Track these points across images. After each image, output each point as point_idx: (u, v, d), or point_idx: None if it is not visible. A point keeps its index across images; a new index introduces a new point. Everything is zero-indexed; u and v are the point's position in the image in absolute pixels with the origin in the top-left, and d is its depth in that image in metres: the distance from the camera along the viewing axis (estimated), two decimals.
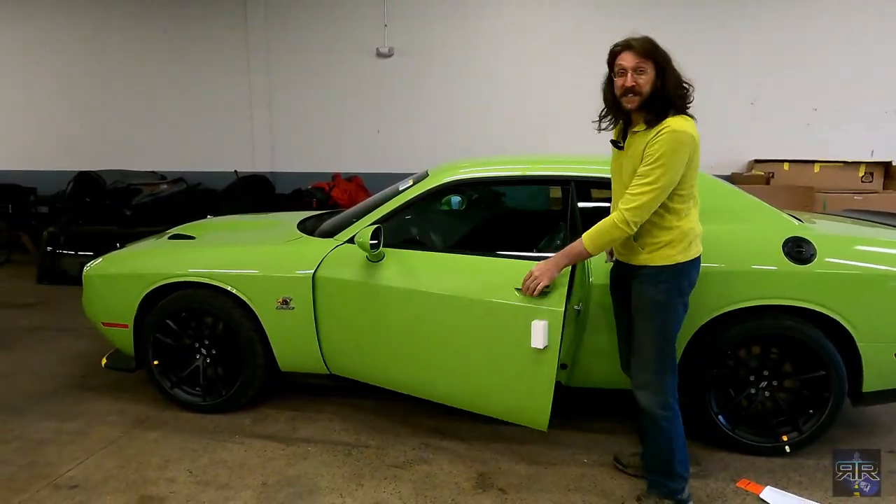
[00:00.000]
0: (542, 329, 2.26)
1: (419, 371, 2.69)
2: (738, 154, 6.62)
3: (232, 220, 4.10)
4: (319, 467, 2.57)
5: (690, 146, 2.02)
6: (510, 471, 2.55)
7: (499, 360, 2.42)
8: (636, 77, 2.09)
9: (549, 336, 2.27)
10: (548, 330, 2.26)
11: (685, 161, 2.02)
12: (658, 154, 1.98)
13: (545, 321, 2.26)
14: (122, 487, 2.40)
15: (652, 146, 2.01)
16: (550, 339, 2.27)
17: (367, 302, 2.69)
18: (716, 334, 2.61)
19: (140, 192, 6.37)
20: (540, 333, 2.26)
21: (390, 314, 2.65)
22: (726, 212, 2.73)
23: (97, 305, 3.15)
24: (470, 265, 2.59)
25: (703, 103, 7.14)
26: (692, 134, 2.03)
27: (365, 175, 7.18)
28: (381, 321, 2.68)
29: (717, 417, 2.68)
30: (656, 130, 2.03)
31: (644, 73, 2.09)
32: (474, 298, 2.45)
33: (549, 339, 2.27)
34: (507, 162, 3.09)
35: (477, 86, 6.95)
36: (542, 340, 2.26)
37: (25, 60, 7.96)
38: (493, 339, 2.41)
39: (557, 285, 2.27)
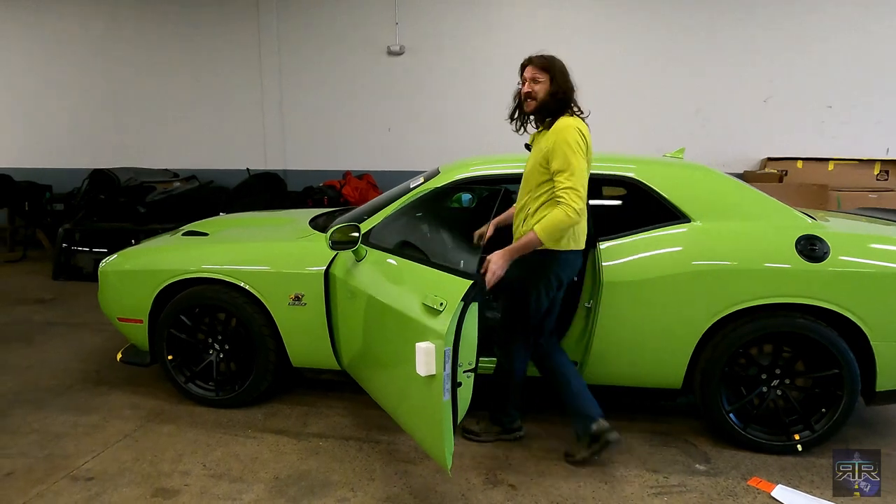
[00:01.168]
0: (424, 353, 1.95)
1: (370, 377, 2.67)
2: (750, 152, 6.58)
3: (244, 217, 4.13)
4: (331, 462, 2.59)
5: (580, 132, 2.37)
6: (520, 467, 2.56)
7: (407, 380, 2.17)
8: (533, 85, 2.50)
9: (436, 363, 1.95)
10: (434, 356, 1.94)
11: (584, 146, 2.37)
12: (559, 146, 2.34)
13: (431, 344, 1.96)
14: (137, 480, 2.44)
15: (551, 142, 2.37)
16: (437, 368, 1.95)
17: (351, 301, 2.65)
18: (727, 332, 2.60)
19: (153, 189, 6.44)
20: (422, 358, 1.95)
21: (359, 315, 2.60)
22: (739, 209, 2.72)
23: (112, 301, 3.19)
24: (413, 272, 2.33)
25: (715, 100, 7.14)
26: (580, 126, 2.39)
27: (376, 173, 7.21)
28: (355, 322, 2.63)
29: (729, 415, 2.67)
30: (553, 129, 2.41)
31: (539, 83, 2.50)
32: (391, 306, 2.26)
33: (435, 366, 1.95)
34: (519, 159, 3.09)
35: (488, 83, 6.95)
36: (424, 366, 1.95)
37: (40, 60, 8.06)
38: (404, 355, 2.15)
39: (449, 306, 1.98)
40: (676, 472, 2.53)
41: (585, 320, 2.73)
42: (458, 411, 2.09)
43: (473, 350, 2.14)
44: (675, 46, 6.56)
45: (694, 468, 2.56)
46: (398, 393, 2.35)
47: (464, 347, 2.07)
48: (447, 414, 2.01)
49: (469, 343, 2.11)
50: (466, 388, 2.15)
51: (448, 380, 1.99)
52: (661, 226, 2.70)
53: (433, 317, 2.02)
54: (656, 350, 2.67)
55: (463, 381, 2.11)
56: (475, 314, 2.10)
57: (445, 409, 2.00)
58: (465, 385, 2.13)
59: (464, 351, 2.08)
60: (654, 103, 6.67)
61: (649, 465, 2.58)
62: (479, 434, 2.77)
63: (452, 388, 2.02)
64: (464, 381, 2.12)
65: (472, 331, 2.12)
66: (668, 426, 2.93)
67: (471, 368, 2.15)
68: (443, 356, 1.94)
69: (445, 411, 2.00)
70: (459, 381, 2.07)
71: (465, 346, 2.07)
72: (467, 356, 2.12)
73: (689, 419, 2.97)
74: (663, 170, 2.89)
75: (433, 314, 2.02)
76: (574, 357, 2.78)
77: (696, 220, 2.68)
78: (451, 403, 2.02)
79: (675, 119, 6.64)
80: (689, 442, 2.78)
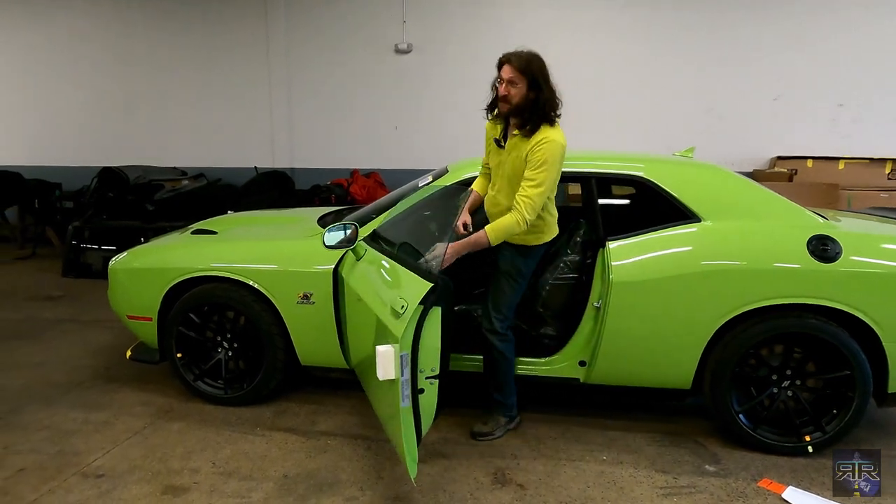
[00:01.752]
0: (382, 357, 1.89)
1: (364, 379, 2.67)
2: (760, 151, 6.53)
3: (253, 215, 4.14)
4: (339, 460, 2.59)
5: (564, 150, 2.41)
6: (529, 467, 2.56)
7: (378, 384, 2.11)
8: (509, 87, 2.42)
9: (394, 368, 1.90)
10: (392, 360, 1.89)
11: (562, 165, 2.43)
12: (542, 160, 2.36)
13: (389, 348, 1.90)
14: (146, 477, 2.45)
15: (535, 153, 2.37)
16: (395, 373, 1.90)
17: (355, 300, 2.63)
18: (737, 332, 2.58)
19: (162, 187, 6.47)
20: (381, 361, 1.89)
21: (358, 315, 2.59)
22: (749, 209, 2.71)
23: (122, 299, 3.21)
24: (394, 272, 2.31)
25: (724, 98, 7.07)
26: (564, 144, 2.42)
27: (383, 171, 7.21)
28: (358, 321, 2.62)
29: (739, 416, 2.66)
30: (537, 139, 2.38)
31: (516, 86, 2.42)
32: (371, 307, 2.23)
33: (394, 370, 1.90)
34: None
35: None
36: (383, 370, 1.90)
37: (50, 59, 8.11)
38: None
39: (408, 308, 1.93)
40: (686, 473, 2.51)
41: (594, 320, 2.72)
42: (421, 418, 2.04)
43: (435, 355, 2.07)
44: (683, 45, 6.52)
45: (704, 469, 2.55)
46: (376, 397, 2.35)
47: (424, 352, 2.02)
48: (408, 421, 1.98)
49: (429, 348, 2.05)
50: (430, 394, 2.09)
51: (407, 385, 1.95)
52: (671, 225, 2.68)
53: (395, 319, 1.99)
54: (665, 350, 2.65)
55: (425, 387, 2.05)
56: (437, 318, 2.03)
57: (405, 416, 1.97)
58: (427, 392, 2.07)
59: (424, 356, 2.02)
60: (663, 102, 6.64)
61: (658, 466, 2.57)
62: (493, 432, 2.78)
63: (413, 395, 1.98)
64: (426, 388, 2.06)
65: (433, 336, 2.05)
66: (678, 427, 2.91)
67: (434, 375, 2.08)
68: (399, 361, 1.90)
69: (405, 418, 1.97)
70: (422, 388, 2.02)
71: (425, 350, 2.02)
72: (429, 362, 2.06)
73: (699, 420, 2.96)
74: (673, 169, 2.88)
75: (396, 317, 1.99)
76: (582, 357, 2.77)
77: (705, 220, 2.66)
78: (411, 410, 1.99)
79: (684, 118, 6.60)
80: (699, 443, 2.77)
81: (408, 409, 1.97)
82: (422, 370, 2.01)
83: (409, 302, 1.96)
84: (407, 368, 1.93)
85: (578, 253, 2.91)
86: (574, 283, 2.91)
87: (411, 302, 1.96)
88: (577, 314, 2.79)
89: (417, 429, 2.03)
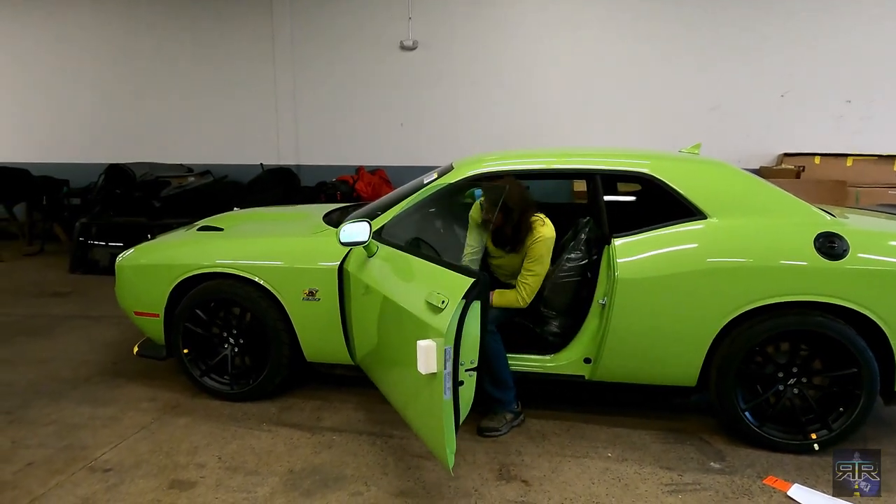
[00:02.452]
0: (425, 351, 1.93)
1: (381, 374, 2.69)
2: (766, 147, 6.50)
3: (259, 212, 4.16)
4: (344, 456, 2.60)
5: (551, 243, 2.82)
6: (533, 463, 2.56)
7: (411, 378, 2.16)
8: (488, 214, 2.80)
9: (437, 361, 1.92)
10: (434, 354, 1.92)
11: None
12: (538, 256, 2.78)
13: (431, 342, 1.93)
14: (153, 472, 2.47)
15: (532, 250, 2.78)
16: (437, 366, 1.93)
17: (363, 297, 2.65)
18: (743, 330, 2.57)
19: (168, 184, 6.49)
20: (423, 356, 1.93)
21: (370, 311, 2.60)
22: (755, 206, 2.70)
23: (129, 295, 3.23)
24: (420, 269, 2.36)
25: (731, 95, 7.05)
26: (553, 236, 2.83)
27: (388, 168, 7.22)
28: (368, 318, 2.64)
29: (744, 413, 2.65)
30: (532, 239, 2.79)
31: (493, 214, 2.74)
32: (397, 303, 2.26)
33: (436, 364, 1.92)
34: (533, 155, 3.08)
35: (502, 78, 6.93)
36: (424, 364, 1.93)
37: (56, 56, 8.15)
38: (408, 353, 2.11)
39: (451, 303, 1.97)
40: (691, 470, 2.51)
41: (599, 317, 2.72)
42: (460, 410, 2.07)
43: (475, 349, 2.12)
44: (688, 40, 6.49)
45: (709, 466, 2.54)
46: (404, 391, 2.35)
47: (465, 346, 2.05)
48: (448, 413, 2.00)
49: (471, 341, 2.09)
50: (469, 386, 2.13)
51: (449, 378, 1.97)
52: (677, 222, 2.67)
53: (435, 314, 2.01)
54: (671, 348, 2.65)
55: (465, 379, 2.10)
56: (477, 312, 2.08)
57: (447, 408, 1.99)
58: (467, 384, 2.12)
59: (465, 349, 2.06)
60: (669, 98, 6.62)
61: (663, 463, 2.57)
62: (499, 428, 2.79)
63: (454, 387, 2.01)
64: (466, 380, 2.10)
65: (473, 329, 2.10)
66: (683, 424, 2.91)
67: (473, 367, 2.13)
68: (443, 354, 1.92)
69: (447, 410, 1.99)
70: (461, 380, 2.06)
71: (466, 344, 2.05)
72: (469, 355, 2.10)
73: (704, 417, 2.95)
74: (679, 165, 2.87)
75: (435, 312, 2.02)
76: (587, 354, 2.77)
77: (711, 217, 2.65)
78: (452, 402, 2.01)
79: (690, 114, 6.58)
80: (704, 440, 2.76)
81: (449, 402, 1.99)
82: (462, 363, 2.05)
83: (452, 297, 1.99)
84: (450, 362, 1.95)
85: (584, 250, 2.90)
86: (579, 280, 2.91)
87: (454, 297, 1.98)
88: (583, 311, 2.79)
89: (456, 420, 2.07)
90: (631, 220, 2.82)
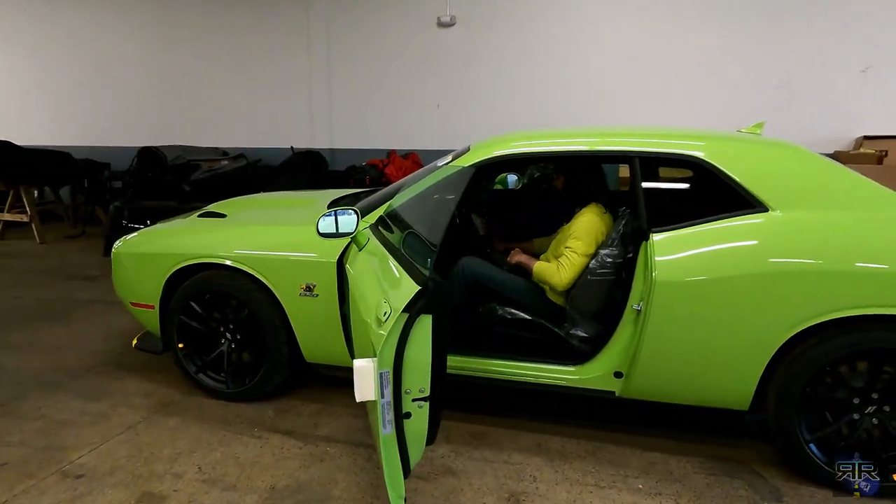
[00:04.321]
0: (359, 374, 1.60)
1: None
2: (843, 129, 5.79)
3: (271, 197, 3.92)
4: (335, 472, 2.32)
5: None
6: (548, 493, 2.20)
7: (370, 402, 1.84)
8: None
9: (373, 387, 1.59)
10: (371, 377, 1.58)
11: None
12: (581, 231, 2.63)
13: (367, 363, 1.60)
14: (126, 480, 2.26)
15: (575, 224, 2.67)
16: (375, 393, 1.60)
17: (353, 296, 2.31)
18: (811, 346, 2.12)
19: (199, 167, 6.38)
20: (357, 380, 1.60)
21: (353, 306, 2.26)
22: (831, 196, 2.22)
23: (125, 285, 3.04)
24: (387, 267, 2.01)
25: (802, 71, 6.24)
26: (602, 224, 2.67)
27: (423, 152, 6.89)
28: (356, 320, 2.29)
29: (809, 445, 2.20)
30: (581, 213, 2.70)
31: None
32: (359, 308, 1.94)
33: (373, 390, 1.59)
34: (566, 135, 2.67)
35: (545, 56, 6.45)
36: (359, 390, 1.60)
37: (101, 44, 8.24)
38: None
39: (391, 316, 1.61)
40: None
41: (633, 325, 2.31)
42: (407, 448, 1.70)
43: (425, 374, 1.70)
44: (755, 9, 5.82)
45: None
46: (370, 416, 2.03)
47: (409, 369, 1.66)
48: (390, 450, 1.66)
49: (416, 364, 1.68)
50: (418, 419, 1.72)
51: (388, 409, 1.61)
52: (731, 215, 2.22)
53: (378, 329, 1.66)
54: (719, 364, 2.22)
55: (412, 411, 1.70)
56: (426, 328, 1.66)
57: (386, 445, 1.65)
58: (415, 416, 1.71)
59: (410, 374, 1.67)
60: (731, 75, 5.97)
61: (706, 501, 2.16)
62: None
63: (397, 420, 1.65)
64: (414, 412, 1.70)
65: (420, 350, 1.67)
66: (732, 451, 2.48)
67: (422, 396, 1.71)
68: (378, 379, 1.57)
69: (387, 447, 1.65)
70: (407, 412, 1.69)
71: (410, 367, 1.66)
72: (416, 381, 1.69)
73: (758, 444, 2.51)
74: (736, 147, 2.41)
75: (379, 325, 1.66)
76: (619, 367, 2.37)
77: (775, 209, 2.19)
78: (395, 438, 1.66)
79: (755, 92, 5.91)
80: (757, 473, 2.33)
81: (390, 437, 1.65)
82: (407, 391, 1.67)
83: (396, 307, 1.63)
84: (388, 389, 1.60)
85: (618, 246, 2.50)
86: (613, 279, 2.51)
87: (397, 308, 1.62)
88: (614, 317, 2.39)
89: (404, 461, 1.71)
90: (674, 212, 2.38)
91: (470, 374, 2.55)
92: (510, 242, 3.37)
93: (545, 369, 2.49)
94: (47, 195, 8.06)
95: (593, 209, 2.71)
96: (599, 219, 2.66)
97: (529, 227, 3.56)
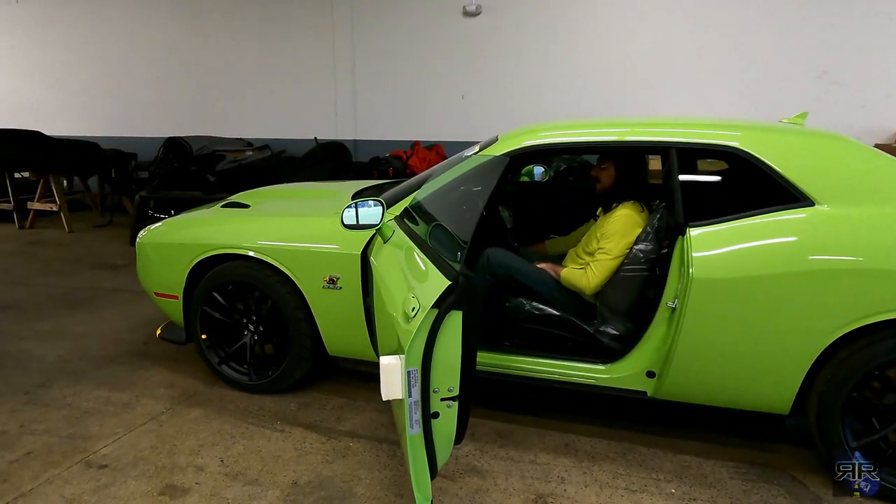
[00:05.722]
0: (385, 371, 1.54)
1: None
2: (884, 120, 5.54)
3: (294, 188, 3.88)
4: (357, 468, 2.28)
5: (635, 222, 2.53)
6: (577, 496, 2.13)
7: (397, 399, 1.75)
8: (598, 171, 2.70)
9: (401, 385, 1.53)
10: (398, 376, 1.52)
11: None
12: (614, 230, 2.51)
13: (394, 360, 1.54)
14: (149, 472, 2.24)
15: (609, 222, 2.56)
16: (402, 392, 1.53)
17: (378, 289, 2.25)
18: (858, 348, 2.01)
19: (224, 158, 6.39)
20: (384, 377, 1.54)
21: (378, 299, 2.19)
22: (880, 190, 2.09)
23: (149, 275, 3.03)
24: (415, 261, 1.95)
25: (843, 59, 5.99)
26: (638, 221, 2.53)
27: (449, 143, 6.79)
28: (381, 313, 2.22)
29: (853, 453, 2.09)
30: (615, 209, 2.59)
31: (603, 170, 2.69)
32: (385, 303, 1.88)
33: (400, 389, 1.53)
34: (597, 125, 2.58)
35: (574, 46, 6.30)
36: (385, 388, 1.55)
37: (128, 36, 8.29)
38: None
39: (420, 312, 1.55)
40: None
41: (668, 323, 2.22)
42: (435, 449, 1.64)
43: (454, 372, 1.63)
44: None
45: None
46: (395, 413, 1.97)
47: (438, 368, 1.60)
48: (417, 451, 1.60)
49: (446, 363, 1.62)
50: (447, 419, 1.66)
51: (416, 409, 1.55)
52: (774, 209, 2.11)
53: (406, 325, 1.60)
54: (758, 366, 2.11)
55: (441, 410, 1.64)
56: (457, 325, 1.60)
57: (413, 445, 1.59)
58: (444, 416, 1.65)
59: (438, 372, 1.60)
60: (770, 64, 5.75)
61: None
62: None
63: (425, 420, 1.59)
64: (442, 412, 1.64)
65: (449, 348, 1.61)
66: (771, 456, 2.38)
67: (451, 396, 1.65)
68: (406, 378, 1.51)
69: (413, 447, 1.59)
70: (436, 412, 1.62)
71: (439, 366, 1.60)
72: (445, 379, 1.63)
73: (799, 448, 2.40)
74: (777, 138, 2.29)
75: (406, 321, 1.60)
76: (651, 367, 2.28)
77: (820, 204, 2.08)
78: (422, 438, 1.60)
79: (795, 82, 5.69)
80: (798, 480, 2.22)
81: (417, 437, 1.59)
82: (435, 390, 1.61)
83: (424, 303, 1.56)
84: (416, 388, 1.54)
85: (652, 241, 2.40)
86: (645, 277, 2.42)
87: (424, 304, 1.56)
88: (648, 315, 2.30)
89: (431, 462, 1.65)
90: (713, 206, 2.28)
91: (494, 371, 2.48)
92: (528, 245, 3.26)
93: (574, 367, 2.41)
94: (76, 185, 8.18)
95: (632, 206, 2.56)
96: (639, 217, 2.52)
97: (557, 221, 3.47)
